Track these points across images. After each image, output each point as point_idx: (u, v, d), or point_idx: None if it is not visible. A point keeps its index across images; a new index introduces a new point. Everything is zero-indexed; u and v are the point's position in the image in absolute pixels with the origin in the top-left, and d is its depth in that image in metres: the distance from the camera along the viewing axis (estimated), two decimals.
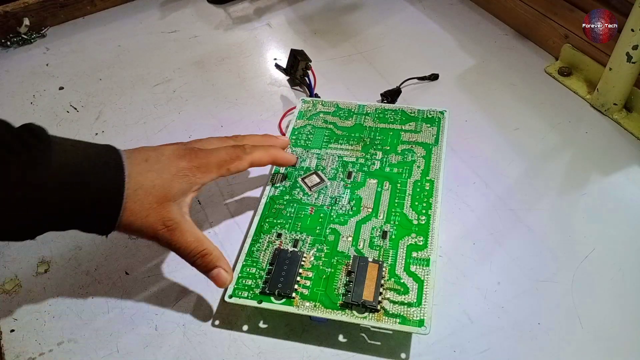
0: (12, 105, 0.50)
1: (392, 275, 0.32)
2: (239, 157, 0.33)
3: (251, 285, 0.32)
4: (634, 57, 0.40)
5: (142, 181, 0.29)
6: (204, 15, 0.61)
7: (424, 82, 0.50)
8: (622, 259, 0.35)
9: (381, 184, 0.37)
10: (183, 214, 0.31)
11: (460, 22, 0.57)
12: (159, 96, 0.51)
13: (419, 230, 0.34)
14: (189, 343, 0.33)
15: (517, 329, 0.32)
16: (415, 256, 0.33)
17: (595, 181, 0.40)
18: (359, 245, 0.34)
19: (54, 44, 0.58)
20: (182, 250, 0.30)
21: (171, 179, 0.30)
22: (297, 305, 0.31)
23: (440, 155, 0.38)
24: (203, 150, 0.32)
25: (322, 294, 0.31)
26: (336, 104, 0.44)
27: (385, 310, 0.30)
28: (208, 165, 0.32)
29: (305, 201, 0.37)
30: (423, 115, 0.42)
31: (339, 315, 0.30)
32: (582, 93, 0.47)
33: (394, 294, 0.31)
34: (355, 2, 0.61)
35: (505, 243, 0.37)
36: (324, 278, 0.32)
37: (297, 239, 0.34)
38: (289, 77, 0.51)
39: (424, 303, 0.30)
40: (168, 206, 0.30)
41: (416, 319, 0.30)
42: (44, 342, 0.33)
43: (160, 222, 0.29)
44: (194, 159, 0.31)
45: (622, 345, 0.31)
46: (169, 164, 0.30)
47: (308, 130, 0.42)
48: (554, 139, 0.44)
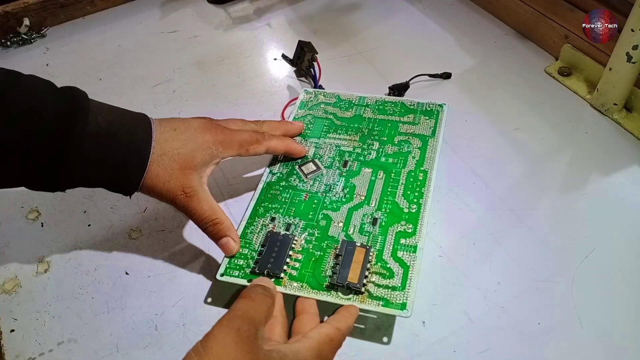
0: None
1: (379, 260, 0.33)
2: (258, 141, 0.36)
3: (242, 265, 0.33)
4: (634, 57, 0.40)
5: (168, 148, 0.32)
6: (204, 15, 0.61)
7: (429, 80, 0.50)
8: (622, 259, 0.35)
9: (375, 173, 0.38)
10: (202, 183, 0.33)
11: (460, 22, 0.57)
12: (159, 96, 0.51)
13: (409, 218, 0.34)
14: (189, 343, 0.32)
15: (517, 329, 0.32)
16: (404, 243, 0.33)
17: (595, 181, 0.40)
18: (349, 230, 0.35)
19: (54, 44, 0.58)
20: (197, 216, 0.32)
21: (195, 149, 0.32)
22: (285, 286, 0.32)
23: (436, 147, 0.39)
24: (228, 128, 0.35)
25: (310, 276, 0.32)
26: (337, 95, 0.45)
27: (369, 292, 0.31)
28: (231, 142, 0.34)
29: (301, 187, 0.38)
30: (422, 107, 0.42)
31: (324, 296, 0.31)
32: (582, 93, 0.47)
33: (379, 277, 0.32)
34: (355, 2, 0.61)
35: (505, 243, 0.37)
36: (312, 261, 0.33)
37: (289, 223, 0.35)
38: (295, 67, 0.52)
39: (408, 287, 0.31)
40: (189, 174, 0.32)
41: (399, 302, 0.30)
42: (44, 342, 0.33)
43: (180, 188, 0.32)
44: (219, 134, 0.34)
45: (622, 345, 0.31)
46: (195, 135, 0.33)
47: (308, 120, 0.43)
48: (554, 139, 0.44)
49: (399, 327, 0.33)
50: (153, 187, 0.32)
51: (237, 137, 0.35)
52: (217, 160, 0.34)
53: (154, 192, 0.32)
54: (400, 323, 0.33)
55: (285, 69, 0.53)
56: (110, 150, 0.30)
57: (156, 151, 0.31)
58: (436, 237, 0.37)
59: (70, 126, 0.29)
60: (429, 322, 0.33)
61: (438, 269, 0.35)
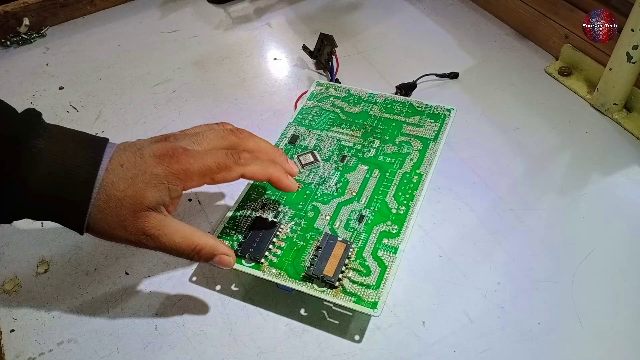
0: (12, 105, 0.50)
1: (359, 257, 0.33)
2: (227, 167, 0.30)
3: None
4: (634, 57, 0.40)
5: (114, 192, 0.27)
6: (204, 15, 0.61)
7: (436, 80, 0.50)
8: (622, 259, 0.35)
9: (371, 171, 0.38)
10: (164, 217, 0.29)
11: (460, 22, 0.57)
12: (159, 96, 0.51)
13: (395, 219, 0.34)
14: (189, 343, 0.33)
15: (517, 329, 0.32)
16: (386, 243, 0.33)
17: (595, 181, 0.40)
18: (335, 225, 0.35)
19: (54, 43, 0.58)
20: (175, 252, 0.29)
21: (144, 188, 0.28)
22: (264, 271, 0.32)
23: (435, 151, 0.39)
24: (187, 153, 0.29)
25: (289, 264, 0.33)
26: (348, 89, 0.45)
27: (343, 287, 0.31)
28: (188, 172, 0.29)
29: (296, 178, 0.37)
30: (430, 110, 0.42)
31: (299, 285, 0.31)
32: (582, 93, 0.47)
33: (355, 274, 0.32)
34: (355, 2, 0.61)
35: (505, 243, 0.37)
36: (294, 250, 0.33)
37: (279, 211, 0.36)
38: (315, 60, 0.53)
39: (382, 287, 0.31)
40: (144, 215, 0.28)
41: (370, 300, 0.30)
42: (44, 342, 0.33)
43: (141, 232, 0.28)
44: (173, 164, 0.28)
45: (622, 345, 0.31)
46: (145, 170, 0.28)
47: (315, 112, 0.43)
48: (554, 139, 0.44)
49: (399, 327, 0.33)
50: (107, 234, 0.28)
51: (198, 164, 0.29)
52: (175, 194, 0.29)
53: (112, 238, 0.28)
54: (401, 323, 0.33)
55: (285, 69, 0.53)
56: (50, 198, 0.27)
57: (101, 197, 0.27)
58: (436, 237, 0.37)
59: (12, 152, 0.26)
60: (429, 322, 0.33)
61: (438, 269, 0.35)
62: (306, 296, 0.32)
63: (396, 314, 0.33)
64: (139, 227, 0.28)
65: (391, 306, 0.34)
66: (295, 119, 0.42)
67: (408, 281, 0.35)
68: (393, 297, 0.34)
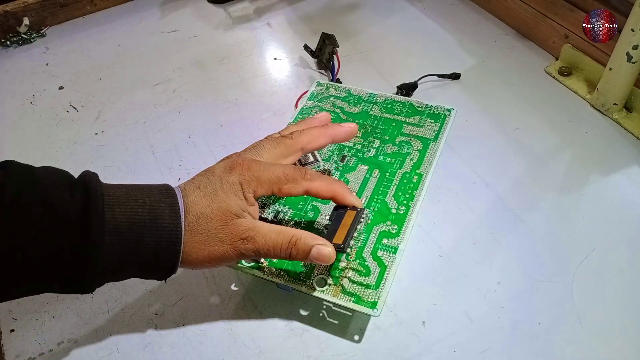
0: (12, 105, 0.50)
1: (358, 256, 0.33)
2: (295, 180, 0.30)
3: None
4: (634, 57, 0.40)
5: (199, 210, 0.28)
6: (204, 15, 0.61)
7: (437, 80, 0.50)
8: (622, 259, 0.35)
9: (371, 171, 0.38)
10: (253, 220, 0.29)
11: (460, 22, 0.57)
12: (159, 96, 0.51)
13: (395, 219, 0.34)
14: (189, 343, 0.33)
15: (517, 329, 0.32)
16: (385, 243, 0.33)
17: (595, 181, 0.40)
18: None
19: (54, 43, 0.58)
20: (273, 250, 0.29)
21: (226, 198, 0.29)
22: (264, 271, 0.32)
23: (435, 151, 0.39)
24: (257, 162, 0.30)
25: (289, 264, 0.33)
26: (348, 90, 0.45)
27: (343, 287, 0.31)
28: (260, 179, 0.30)
29: None
30: (430, 110, 0.42)
31: (299, 286, 0.32)
32: (582, 93, 0.47)
33: (355, 274, 0.32)
34: (355, 2, 0.61)
35: (505, 243, 0.37)
36: None
37: (278, 211, 0.36)
38: (316, 59, 0.53)
39: (382, 287, 0.31)
40: (235, 223, 0.28)
41: (370, 300, 0.30)
42: (44, 342, 0.33)
43: (237, 238, 0.28)
44: (245, 172, 0.29)
45: (622, 345, 0.31)
46: (221, 182, 0.29)
47: (315, 112, 0.43)
48: (554, 139, 0.44)
49: (399, 327, 0.33)
50: (203, 254, 0.28)
51: (268, 173, 0.30)
52: (252, 201, 0.30)
53: (208, 260, 0.28)
54: (401, 323, 0.33)
55: (285, 68, 0.53)
56: (134, 249, 0.26)
57: (190, 219, 0.28)
58: (436, 237, 0.37)
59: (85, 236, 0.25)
60: (429, 322, 0.33)
61: (438, 269, 0.35)
62: (306, 296, 0.32)
63: (396, 314, 0.33)
64: (234, 234, 0.28)
65: (391, 306, 0.34)
66: (295, 118, 0.42)
67: (408, 281, 0.35)
68: (393, 297, 0.34)
